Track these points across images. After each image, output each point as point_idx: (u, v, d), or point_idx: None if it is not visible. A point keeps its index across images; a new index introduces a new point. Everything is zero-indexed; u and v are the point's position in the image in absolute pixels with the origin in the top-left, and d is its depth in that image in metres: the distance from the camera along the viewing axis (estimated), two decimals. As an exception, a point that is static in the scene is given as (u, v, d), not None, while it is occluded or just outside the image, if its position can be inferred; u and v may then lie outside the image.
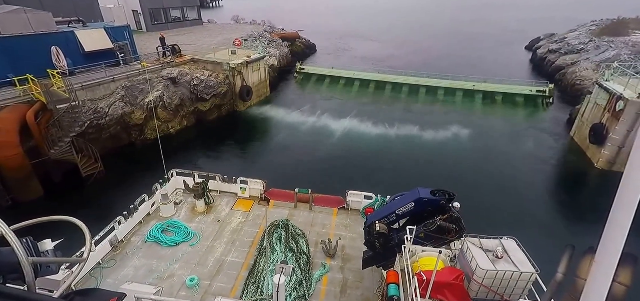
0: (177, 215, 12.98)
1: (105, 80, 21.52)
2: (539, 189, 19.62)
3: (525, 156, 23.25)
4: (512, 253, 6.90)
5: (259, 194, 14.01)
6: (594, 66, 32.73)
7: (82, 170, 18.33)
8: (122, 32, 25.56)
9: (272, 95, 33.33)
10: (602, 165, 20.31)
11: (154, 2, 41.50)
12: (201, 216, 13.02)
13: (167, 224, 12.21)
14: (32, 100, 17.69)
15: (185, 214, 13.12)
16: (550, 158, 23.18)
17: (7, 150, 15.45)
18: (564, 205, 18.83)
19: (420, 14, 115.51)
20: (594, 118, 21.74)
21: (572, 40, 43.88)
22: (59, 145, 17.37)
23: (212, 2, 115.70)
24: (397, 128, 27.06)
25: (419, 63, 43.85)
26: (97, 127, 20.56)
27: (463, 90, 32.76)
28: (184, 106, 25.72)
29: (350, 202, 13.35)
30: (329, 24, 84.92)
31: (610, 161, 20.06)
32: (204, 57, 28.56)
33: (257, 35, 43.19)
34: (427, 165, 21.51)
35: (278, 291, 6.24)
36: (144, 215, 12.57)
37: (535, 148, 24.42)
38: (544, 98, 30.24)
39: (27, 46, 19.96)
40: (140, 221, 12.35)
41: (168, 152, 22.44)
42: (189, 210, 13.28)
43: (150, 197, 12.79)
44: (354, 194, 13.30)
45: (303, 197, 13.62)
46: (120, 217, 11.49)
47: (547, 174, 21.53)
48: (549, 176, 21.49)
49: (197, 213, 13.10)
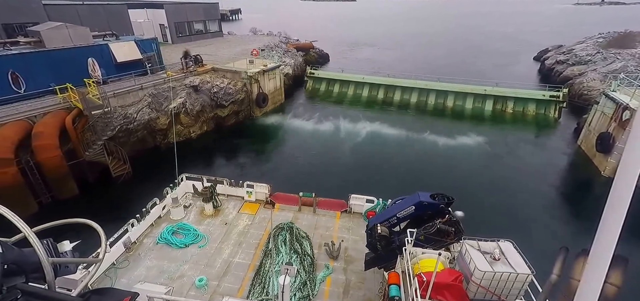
0: (186, 218, 13.04)
1: (134, 88, 22.49)
2: (546, 196, 19.34)
3: (533, 163, 22.96)
4: (509, 255, 6.93)
5: (264, 198, 14.02)
6: (601, 77, 31.97)
7: (113, 171, 19.15)
8: (150, 44, 26.62)
9: (286, 102, 33.88)
10: (609, 173, 19.91)
11: (179, 17, 42.88)
12: (209, 219, 13.08)
13: (177, 227, 12.29)
14: (70, 107, 18.74)
15: (195, 217, 13.19)
16: (558, 166, 22.84)
17: (49, 152, 16.33)
18: (572, 212, 18.52)
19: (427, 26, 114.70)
20: (601, 128, 21.34)
21: (580, 51, 42.96)
22: (93, 148, 18.26)
23: (232, 15, 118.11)
24: (405, 133, 27.16)
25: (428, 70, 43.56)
26: (126, 132, 21.45)
27: (474, 95, 31.95)
28: (204, 112, 26.53)
29: (353, 206, 13.31)
30: (342, 34, 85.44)
31: (616, 169, 19.66)
32: (224, 66, 29.35)
33: (273, 45, 43.96)
34: (435, 170, 21.52)
35: (283, 291, 6.25)
36: (156, 217, 12.69)
37: (543, 155, 24.13)
38: (558, 103, 29.19)
39: (68, 58, 21.11)
40: (152, 223, 12.47)
41: (189, 155, 23.54)
42: (198, 213, 13.36)
43: (161, 200, 12.93)
44: (357, 198, 13.26)
45: (307, 201, 13.57)
46: (133, 220, 11.62)
47: (554, 181, 21.17)
48: (556, 183, 21.11)
49: (206, 216, 13.16)
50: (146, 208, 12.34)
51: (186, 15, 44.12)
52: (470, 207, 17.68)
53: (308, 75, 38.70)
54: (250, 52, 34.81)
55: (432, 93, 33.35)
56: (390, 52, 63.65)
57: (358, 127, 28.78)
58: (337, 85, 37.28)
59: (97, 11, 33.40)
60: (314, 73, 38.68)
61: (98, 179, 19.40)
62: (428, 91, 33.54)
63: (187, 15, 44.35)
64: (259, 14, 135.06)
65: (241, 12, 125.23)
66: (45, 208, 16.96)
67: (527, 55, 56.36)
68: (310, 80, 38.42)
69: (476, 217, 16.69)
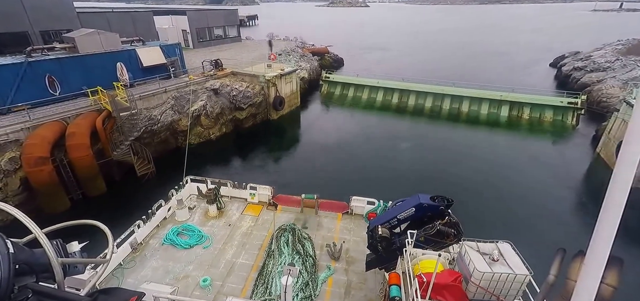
0: (191, 220, 13.08)
1: (159, 92, 23.15)
2: (567, 205, 18.84)
3: (551, 170, 22.37)
4: (508, 256, 6.93)
5: (267, 200, 14.01)
6: (620, 84, 30.83)
7: (138, 170, 19.76)
8: (174, 49, 27.36)
9: (302, 105, 34.13)
10: (629, 183, 19.21)
11: (200, 23, 43.89)
12: (213, 220, 13.10)
13: (182, 228, 12.32)
14: (100, 109, 19.47)
15: (199, 218, 13.22)
16: (577, 173, 22.21)
17: (81, 151, 17.04)
18: (591, 219, 17.99)
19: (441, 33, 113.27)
20: (621, 135, 20.59)
21: (598, 58, 41.51)
22: (120, 148, 18.94)
23: (249, 21, 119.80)
24: (418, 137, 26.97)
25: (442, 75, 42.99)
26: (151, 133, 22.09)
27: (489, 101, 31.18)
28: (223, 114, 27.03)
29: (354, 207, 13.25)
30: (355, 39, 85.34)
31: (637, 178, 18.91)
32: (243, 70, 29.81)
33: (289, 50, 44.41)
34: (447, 175, 21.14)
35: (286, 292, 6.24)
36: (161, 219, 12.74)
37: (561, 162, 23.49)
38: (576, 109, 28.25)
39: (98, 63, 22.03)
40: (158, 225, 12.52)
41: (208, 155, 24.03)
42: (202, 215, 13.38)
43: (166, 202, 12.98)
44: (358, 200, 13.20)
45: (309, 202, 13.54)
46: (139, 221, 11.64)
47: (574, 189, 20.60)
48: (576, 190, 20.53)
49: (210, 218, 13.19)
50: (152, 209, 12.39)
51: (207, 21, 45.13)
52: (486, 212, 17.47)
53: (323, 79, 38.83)
54: (268, 57, 35.32)
55: (446, 98, 32.87)
56: (404, 57, 63.19)
57: (370, 131, 28.77)
58: (352, 89, 37.26)
59: (124, 18, 34.65)
60: (329, 77, 38.84)
61: (124, 178, 20.06)
62: (443, 96, 33.04)
63: (208, 21, 45.35)
64: (275, 20, 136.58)
65: (258, 18, 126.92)
66: (76, 204, 17.66)
67: (544, 62, 54.92)
68: (325, 84, 38.56)
69: (494, 221, 16.45)
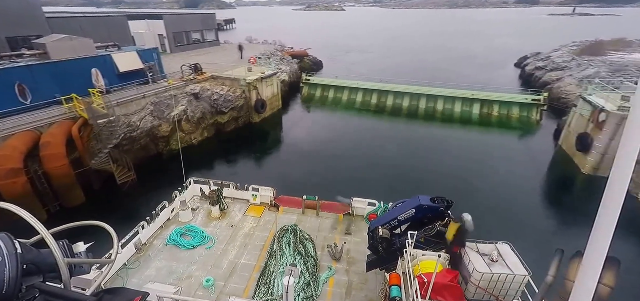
0: (194, 221, 13.05)
1: (137, 97, 22.36)
2: (530, 194, 19.95)
3: (518, 163, 23.65)
4: (507, 257, 6.92)
5: (269, 201, 14.00)
6: (577, 82, 33.16)
7: (118, 178, 18.97)
8: (151, 54, 26.52)
9: (283, 108, 34.06)
10: (588, 171, 20.66)
11: (177, 27, 42.69)
12: (216, 221, 13.09)
13: (186, 229, 12.32)
14: (76, 116, 18.57)
15: (202, 219, 13.19)
16: (542, 165, 23.55)
17: (56, 161, 16.16)
18: (554, 208, 19.20)
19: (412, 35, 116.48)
20: (580, 128, 22.10)
21: (556, 58, 44.48)
22: (98, 156, 18.13)
23: (226, 24, 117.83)
24: (398, 137, 27.66)
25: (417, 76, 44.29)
26: (130, 139, 21.28)
27: (462, 99, 32.53)
28: (205, 119, 26.51)
29: (355, 208, 13.27)
30: (333, 42, 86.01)
31: (595, 167, 20.42)
32: (223, 74, 29.33)
33: (269, 53, 44.15)
34: (424, 173, 21.84)
35: (287, 292, 6.24)
36: (165, 220, 12.72)
37: (528, 156, 24.87)
38: (539, 105, 30.19)
39: (72, 69, 20.90)
40: (161, 226, 12.50)
41: (191, 161, 23.49)
42: (205, 216, 13.37)
43: (170, 203, 12.96)
44: (359, 201, 13.20)
45: (310, 204, 13.57)
46: (143, 222, 11.62)
47: (538, 179, 21.89)
48: (540, 181, 21.83)
49: (213, 219, 13.18)
50: (156, 210, 12.35)
51: (184, 26, 43.99)
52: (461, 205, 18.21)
53: (303, 82, 38.78)
54: (248, 60, 34.94)
55: (423, 97, 33.74)
56: (381, 58, 64.48)
57: (351, 131, 29.25)
58: (332, 91, 37.47)
59: (98, 23, 33.14)
60: (309, 79, 38.86)
61: (104, 187, 19.23)
62: (419, 95, 33.91)
63: (185, 26, 44.22)
64: (253, 23, 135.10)
65: (235, 22, 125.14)
66: (53, 216, 16.75)
67: (509, 62, 57.87)
68: (306, 86, 38.54)
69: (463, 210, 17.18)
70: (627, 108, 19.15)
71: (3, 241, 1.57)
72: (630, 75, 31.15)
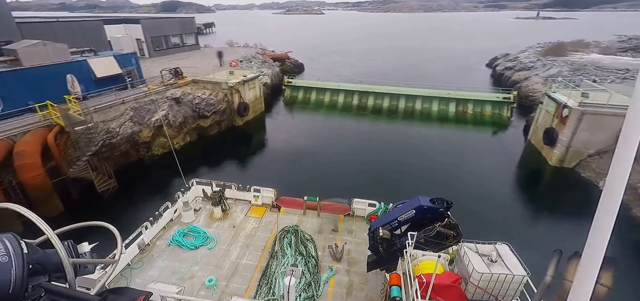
0: (196, 221, 13.05)
1: (116, 103, 21.68)
2: (502, 186, 20.87)
3: (491, 157, 24.76)
4: (506, 257, 6.88)
5: (270, 202, 14.01)
6: (542, 80, 35.03)
7: (98, 186, 18.29)
8: (129, 58, 25.74)
9: (266, 111, 33.92)
10: (555, 163, 21.80)
11: (155, 31, 41.58)
12: (218, 222, 13.11)
13: (188, 229, 12.32)
14: (52, 124, 17.77)
15: (204, 220, 13.20)
16: (513, 158, 24.72)
17: (31, 171, 15.39)
18: (525, 198, 20.20)
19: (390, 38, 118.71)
20: (546, 124, 23.29)
21: (524, 59, 46.81)
22: (77, 165, 17.42)
23: (206, 28, 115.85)
24: (379, 137, 28.22)
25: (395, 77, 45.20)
26: (110, 146, 20.60)
27: (439, 98, 33.52)
28: (187, 123, 26.01)
29: (356, 209, 13.31)
30: (313, 44, 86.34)
31: (561, 159, 21.60)
32: (204, 77, 28.90)
33: (250, 57, 43.78)
34: (405, 170, 22.40)
35: (289, 292, 6.22)
36: (168, 220, 12.73)
37: (500, 150, 26.09)
38: (510, 103, 31.54)
39: (46, 75, 19.94)
40: (164, 226, 12.49)
41: (174, 165, 22.95)
42: (208, 217, 13.38)
43: (173, 204, 13.03)
44: (359, 202, 13.25)
45: (311, 205, 13.58)
46: (146, 223, 11.61)
47: (510, 172, 22.96)
48: (512, 174, 22.91)
49: (215, 220, 13.21)
50: (159, 211, 12.35)
51: (163, 30, 42.91)
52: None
53: (285, 84, 38.62)
54: (230, 63, 34.52)
55: (402, 97, 34.53)
56: (361, 60, 65.36)
57: (334, 131, 29.56)
58: (314, 93, 37.50)
59: (72, 28, 31.73)
60: (291, 81, 38.68)
61: (83, 195, 18.47)
62: (398, 95, 34.68)
63: (164, 30, 43.14)
64: (233, 27, 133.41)
65: (214, 25, 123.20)
66: (29, 227, 15.88)
67: (481, 63, 60.22)
68: (288, 88, 38.39)
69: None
70: (587, 104, 20.51)
71: (10, 241, 1.59)
72: (589, 74, 33.35)
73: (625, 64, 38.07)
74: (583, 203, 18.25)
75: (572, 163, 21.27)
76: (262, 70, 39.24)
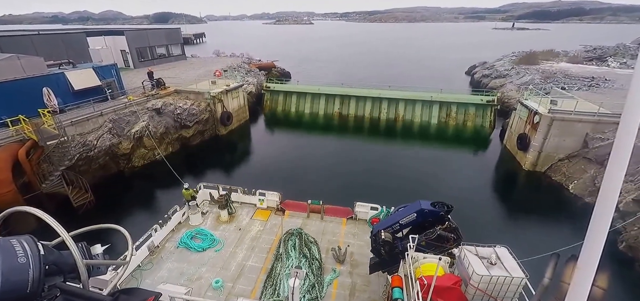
0: (204, 224, 13.13)
1: (94, 115, 20.84)
2: (479, 189, 20.87)
3: (470, 162, 24.93)
4: (505, 260, 6.86)
5: (275, 205, 14.05)
6: (516, 88, 35.55)
7: (73, 201, 17.43)
8: (109, 70, 24.87)
9: (251, 119, 33.29)
10: (528, 167, 21.96)
11: (140, 42, 40.63)
12: (225, 225, 13.15)
13: (196, 232, 12.42)
14: (24, 139, 16.86)
15: (211, 223, 13.28)
16: (489, 164, 24.91)
17: (2, 187, 14.57)
18: (500, 201, 20.22)
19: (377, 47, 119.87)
20: (519, 130, 23.55)
21: (500, 67, 47.67)
22: (50, 180, 16.56)
23: (196, 39, 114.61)
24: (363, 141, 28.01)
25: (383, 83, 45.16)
26: (87, 159, 19.73)
27: (422, 102, 32.01)
28: (168, 134, 25.29)
29: (358, 213, 13.32)
30: (301, 53, 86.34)
31: (533, 163, 21.78)
32: (187, 88, 28.25)
33: (236, 66, 43.19)
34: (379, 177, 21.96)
35: (293, 293, 6.21)
36: (176, 223, 12.82)
37: (478, 155, 26.37)
38: (493, 105, 30.59)
39: (19, 89, 18.91)
40: (173, 229, 12.59)
41: (156, 176, 22.23)
42: (214, 220, 13.44)
43: (181, 207, 13.13)
44: (362, 205, 13.26)
45: (315, 208, 13.61)
46: (156, 225, 11.69)
47: (486, 176, 23.07)
48: (488, 177, 23.01)
49: (221, 222, 13.26)
50: (167, 214, 12.51)
51: (148, 41, 41.98)
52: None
53: (265, 89, 36.57)
54: (214, 73, 33.86)
55: (384, 101, 32.82)
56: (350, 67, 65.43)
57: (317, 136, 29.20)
58: (294, 97, 35.46)
59: (54, 41, 30.57)
60: (270, 86, 36.59)
61: (58, 211, 17.51)
62: (381, 99, 32.94)
63: (149, 40, 42.21)
64: (223, 37, 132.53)
65: (205, 36, 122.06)
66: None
67: (460, 70, 61.08)
68: (267, 93, 36.31)
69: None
70: (556, 110, 20.75)
71: (27, 243, 1.63)
72: (558, 81, 33.95)
73: (591, 72, 38.98)
74: (554, 205, 18.37)
75: (544, 168, 21.44)
76: (247, 79, 38.65)
